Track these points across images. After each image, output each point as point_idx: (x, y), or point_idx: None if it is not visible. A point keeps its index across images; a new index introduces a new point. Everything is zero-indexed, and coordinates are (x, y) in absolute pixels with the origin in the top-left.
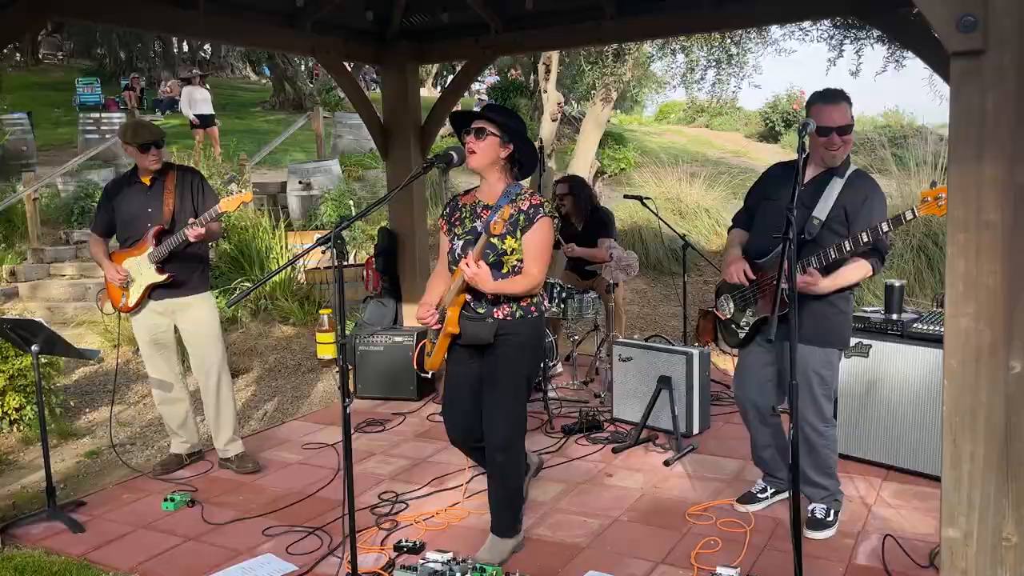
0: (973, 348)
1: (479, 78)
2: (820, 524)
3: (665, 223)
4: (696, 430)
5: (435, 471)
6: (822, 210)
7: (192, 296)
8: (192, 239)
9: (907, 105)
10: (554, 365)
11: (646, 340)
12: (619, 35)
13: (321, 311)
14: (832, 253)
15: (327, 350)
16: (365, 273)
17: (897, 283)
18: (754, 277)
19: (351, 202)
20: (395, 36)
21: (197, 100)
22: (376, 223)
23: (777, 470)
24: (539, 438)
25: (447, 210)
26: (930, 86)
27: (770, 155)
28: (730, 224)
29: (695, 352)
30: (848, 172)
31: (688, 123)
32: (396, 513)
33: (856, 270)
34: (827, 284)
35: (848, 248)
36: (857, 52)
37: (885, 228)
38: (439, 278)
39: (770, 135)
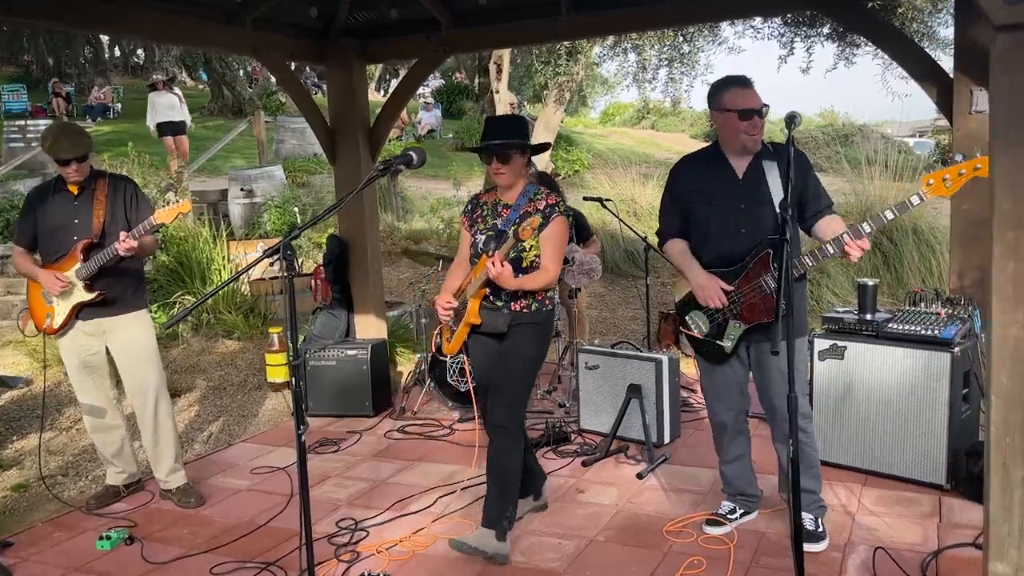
0: None
1: (425, 83)
2: (813, 536)
3: (626, 225)
4: (667, 439)
5: (396, 493)
6: (777, 198)
7: (126, 315)
8: (123, 253)
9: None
10: None
11: (612, 347)
12: (576, 31)
13: (270, 329)
14: (830, 248)
15: (278, 372)
16: (314, 283)
17: (870, 282)
18: (732, 289)
19: (296, 209)
20: (341, 34)
21: (159, 107)
22: (324, 230)
23: (746, 486)
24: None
25: (468, 207)
26: (882, 83)
27: None
28: (660, 231)
29: (664, 359)
30: (775, 151)
31: (633, 125)
32: (356, 542)
33: (838, 222)
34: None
35: (848, 237)
36: (808, 50)
37: (889, 216)
38: (459, 269)
39: (715, 135)
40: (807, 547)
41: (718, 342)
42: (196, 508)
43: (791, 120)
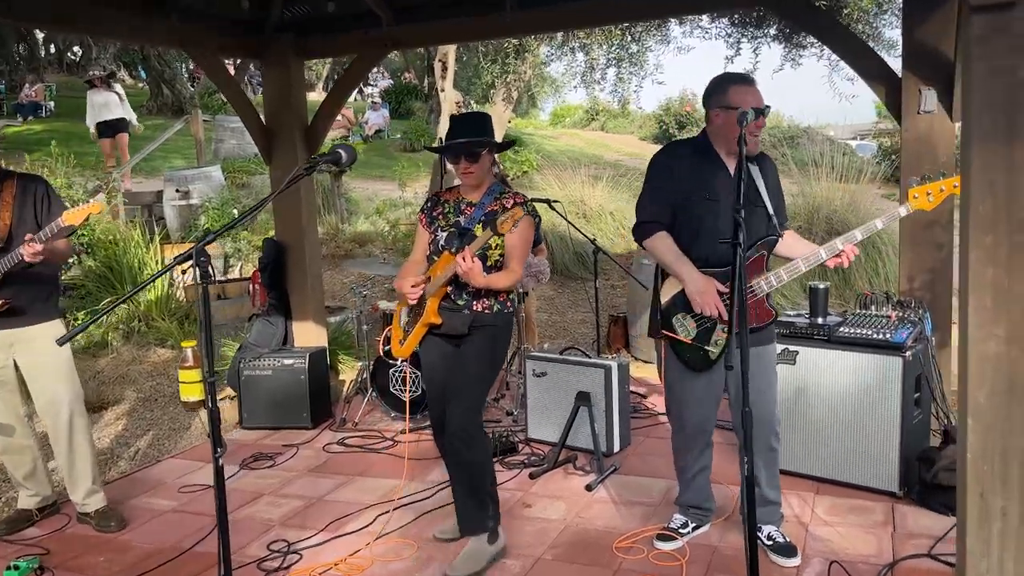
0: (1005, 378)
1: (372, 82)
2: (787, 549)
3: (574, 226)
4: (617, 448)
5: (333, 512)
6: (768, 203)
7: (36, 325)
8: (28, 259)
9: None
10: None
11: (561, 352)
12: (521, 28)
13: (183, 343)
14: (823, 254)
15: (192, 391)
16: (252, 288)
17: (822, 285)
18: (726, 291)
19: (235, 211)
20: (276, 28)
21: (96, 105)
22: (265, 232)
23: (703, 500)
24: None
25: (428, 205)
26: (829, 84)
27: None
28: (642, 220)
29: (614, 364)
30: (755, 157)
31: (583, 126)
32: (288, 566)
33: (797, 237)
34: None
35: (842, 243)
36: (755, 51)
37: (879, 225)
38: (413, 266)
39: (664, 137)
40: (786, 561)
41: (705, 347)
42: (116, 532)
43: (743, 118)
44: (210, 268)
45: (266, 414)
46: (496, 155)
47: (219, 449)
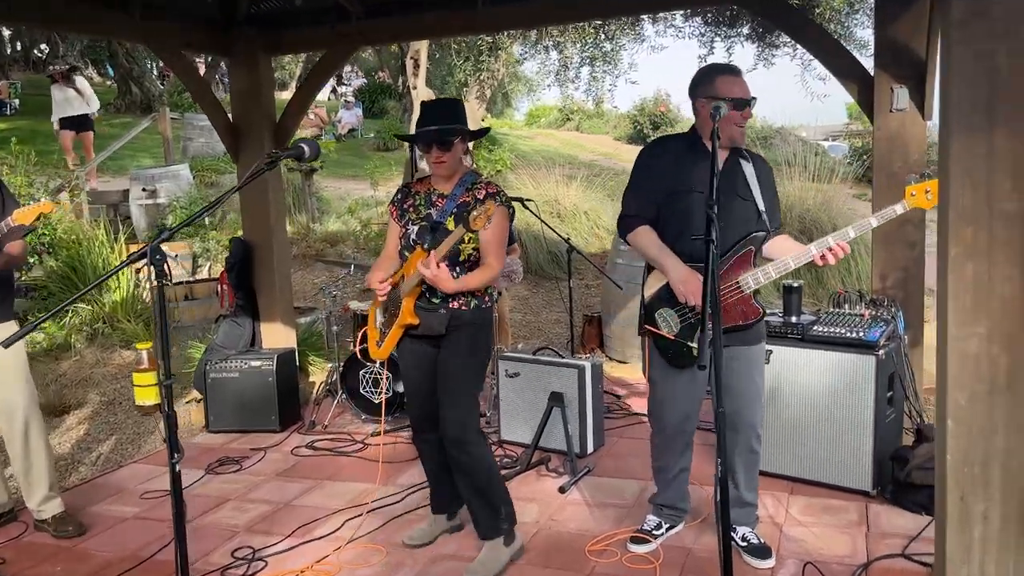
0: (986, 379)
1: (346, 81)
2: (762, 551)
3: (547, 226)
4: (591, 449)
5: (301, 517)
6: (760, 200)
7: None
8: None
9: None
10: None
11: (534, 353)
12: (494, 24)
13: (137, 345)
14: (813, 250)
15: (147, 394)
16: (220, 289)
17: (795, 284)
18: None
19: (208, 213)
20: (243, 23)
21: (59, 101)
22: (236, 231)
23: (679, 500)
24: (418, 468)
25: (398, 196)
26: (801, 83)
27: None
28: (625, 214)
29: (587, 365)
30: (750, 154)
31: (559, 126)
32: (253, 574)
33: (790, 241)
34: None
35: (833, 240)
36: (728, 50)
37: (874, 223)
38: (386, 261)
39: (639, 137)
40: (761, 563)
41: (688, 343)
42: (74, 540)
43: (716, 111)
44: (166, 266)
45: (233, 417)
46: (470, 145)
47: (176, 455)
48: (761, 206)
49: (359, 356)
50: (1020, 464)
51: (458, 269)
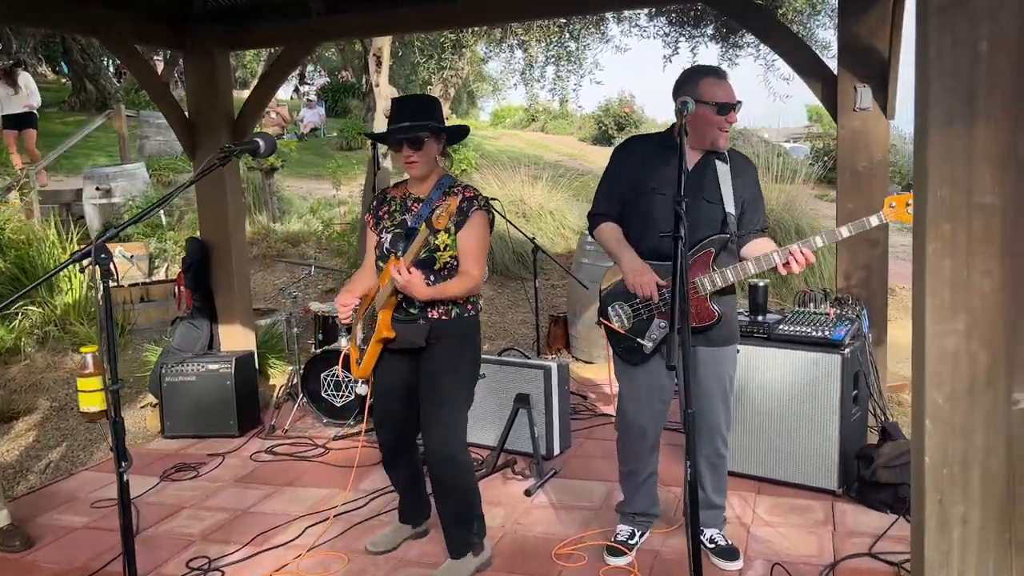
0: (965, 377)
1: (308, 80)
2: (729, 552)
3: (513, 225)
4: (557, 451)
5: (259, 525)
6: (729, 202)
7: None
8: None
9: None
10: None
11: (499, 354)
12: (459, 19)
13: (82, 348)
14: (776, 257)
15: (92, 400)
16: (177, 290)
17: (761, 283)
18: (665, 284)
19: (160, 211)
20: (200, 17)
21: (1, 98)
22: (194, 232)
23: (650, 506)
24: (381, 473)
25: (374, 203)
26: (765, 83)
27: (604, 157)
28: (593, 212)
29: (553, 366)
30: (729, 155)
31: (523, 127)
32: None
33: (772, 245)
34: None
35: (799, 247)
36: (692, 50)
37: (845, 233)
38: (364, 275)
39: (603, 138)
40: (728, 565)
41: (639, 340)
42: (21, 552)
43: (684, 106)
44: (112, 266)
45: (190, 422)
46: (444, 144)
47: (123, 463)
48: (729, 209)
49: (342, 373)
50: (999, 464)
51: (433, 278)
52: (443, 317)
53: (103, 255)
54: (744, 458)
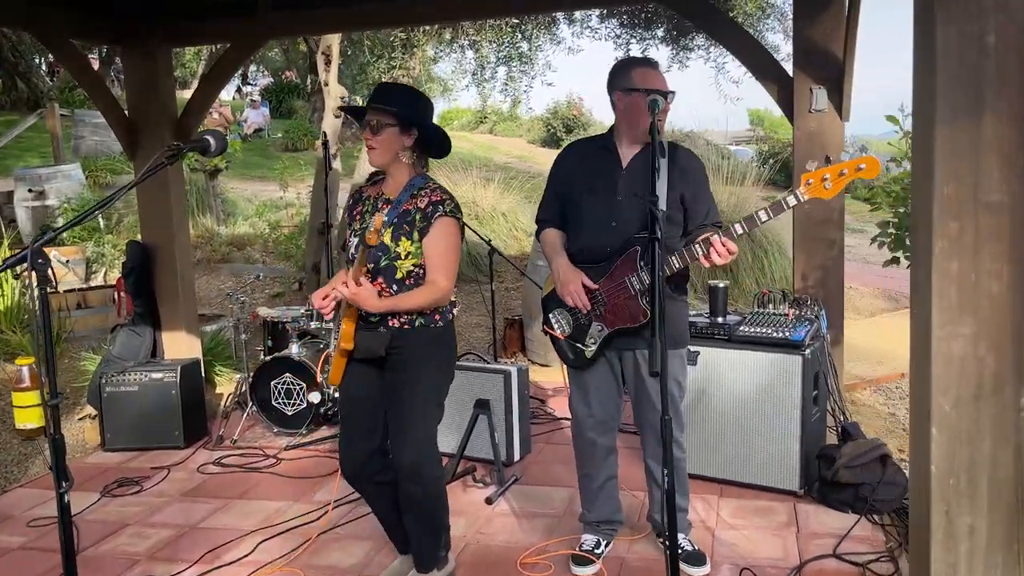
0: (972, 382)
1: (251, 80)
2: (697, 557)
3: (469, 228)
4: (517, 456)
5: (209, 541)
6: (662, 199)
7: None
8: None
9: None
10: None
11: (458, 359)
12: (411, 18)
13: (18, 361)
14: (698, 249)
15: (30, 416)
16: (116, 296)
17: (721, 284)
18: (596, 287)
19: (99, 212)
20: (140, 12)
21: None
22: (134, 235)
23: (612, 513)
24: (332, 483)
25: (350, 202)
26: (715, 86)
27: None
28: (538, 218)
29: (513, 370)
30: (669, 150)
31: (472, 129)
32: None
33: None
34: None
35: (719, 238)
36: (643, 52)
37: (764, 217)
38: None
39: (552, 140)
40: (695, 571)
41: (579, 344)
42: None
43: (654, 105)
44: (51, 272)
45: (133, 434)
46: (414, 142)
47: (64, 483)
48: (661, 206)
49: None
50: (1007, 473)
51: (396, 287)
52: (405, 327)
53: (40, 260)
54: (706, 461)
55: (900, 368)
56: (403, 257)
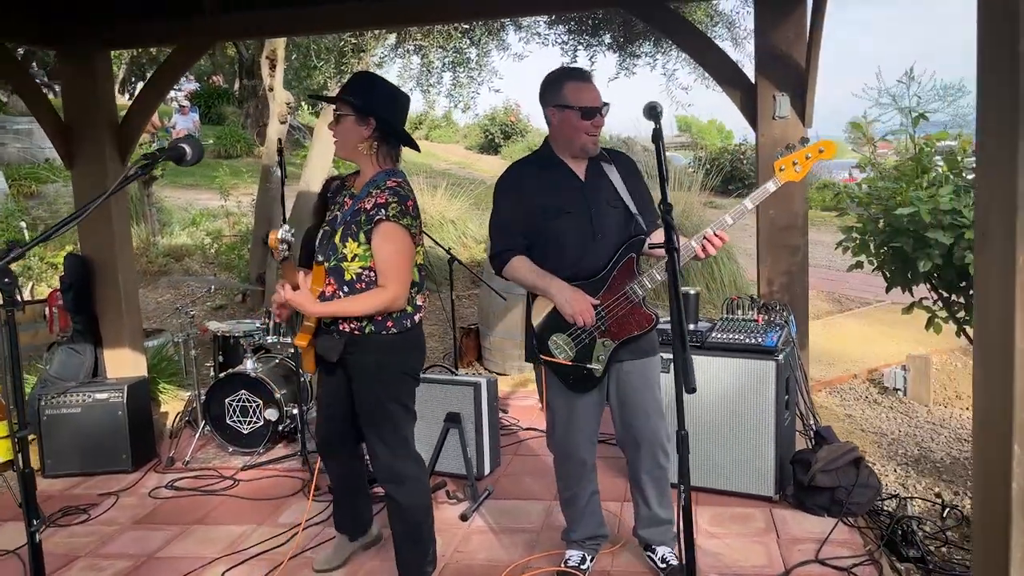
0: None
1: (177, 86)
2: (681, 573)
3: (429, 236)
4: (488, 470)
5: (170, 571)
6: (630, 202)
7: None
8: None
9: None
10: (308, 409)
11: (424, 371)
12: (361, 22)
13: None
14: (694, 244)
15: None
16: (48, 312)
17: (692, 291)
18: (598, 302)
19: (23, 224)
20: (77, 14)
21: None
22: (61, 247)
23: (596, 528)
24: (301, 503)
25: (330, 192)
26: (666, 92)
27: (493, 166)
28: (497, 251)
29: (483, 381)
30: (611, 155)
31: None
32: None
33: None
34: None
35: (712, 231)
36: (591, 59)
37: (749, 205)
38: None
39: (490, 147)
40: None
41: (588, 366)
42: None
43: (652, 110)
44: (17, 292)
45: (76, 458)
46: (375, 136)
47: (35, 521)
48: (633, 209)
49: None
50: None
51: (346, 289)
52: (355, 333)
53: (6, 279)
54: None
55: (852, 369)
56: (350, 259)
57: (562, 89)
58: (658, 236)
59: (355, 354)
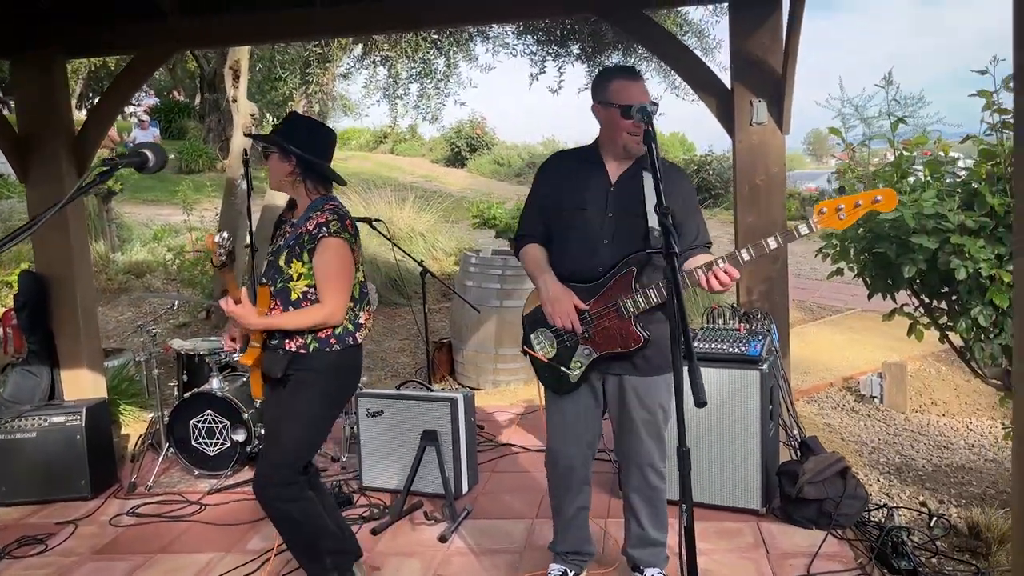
0: None
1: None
2: None
3: (400, 248)
4: (466, 488)
5: None
6: (652, 216)
7: None
8: None
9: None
10: None
11: (399, 387)
12: (329, 28)
13: None
14: (700, 273)
15: None
16: (3, 331)
17: None
18: (586, 308)
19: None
20: (31, 19)
21: None
22: (17, 265)
23: (583, 544)
24: (271, 528)
25: (277, 224)
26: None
27: (460, 179)
28: (518, 234)
29: (459, 397)
30: (661, 166)
31: (371, 149)
32: None
33: (706, 257)
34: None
35: (723, 263)
36: (559, 69)
37: (773, 244)
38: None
39: (456, 160)
40: None
41: (563, 368)
42: None
43: (643, 111)
44: None
45: (31, 485)
46: (298, 171)
47: None
48: (652, 223)
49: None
50: None
51: (291, 309)
52: (300, 350)
53: None
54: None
55: (827, 378)
56: (295, 279)
57: (609, 86)
58: (694, 262)
59: (297, 372)
